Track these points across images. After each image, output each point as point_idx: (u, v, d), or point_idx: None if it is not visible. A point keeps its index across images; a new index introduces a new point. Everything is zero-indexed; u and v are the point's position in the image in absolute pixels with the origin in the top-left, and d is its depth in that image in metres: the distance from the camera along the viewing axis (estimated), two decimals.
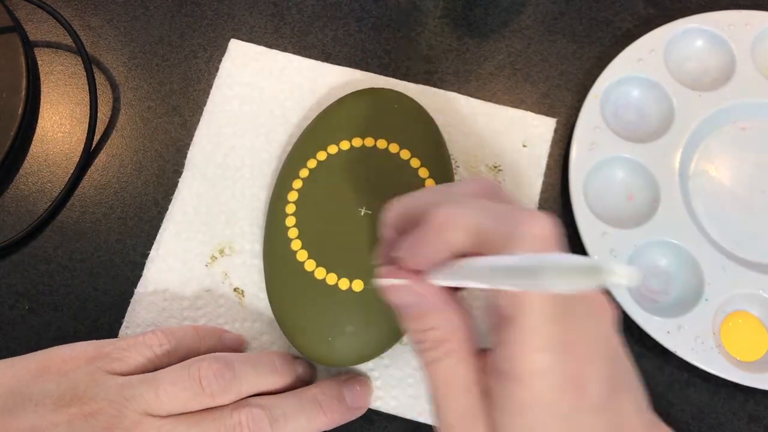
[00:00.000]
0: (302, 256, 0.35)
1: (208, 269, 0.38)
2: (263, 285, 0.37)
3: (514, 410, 0.23)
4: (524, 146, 0.40)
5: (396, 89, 0.39)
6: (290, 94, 0.41)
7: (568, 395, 0.23)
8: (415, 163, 0.36)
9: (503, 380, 0.23)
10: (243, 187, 0.40)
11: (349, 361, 0.35)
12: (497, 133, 0.40)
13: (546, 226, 0.22)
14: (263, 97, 0.41)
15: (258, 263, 0.38)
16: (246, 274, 0.38)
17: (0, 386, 0.31)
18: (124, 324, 0.37)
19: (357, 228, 0.35)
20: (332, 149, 0.37)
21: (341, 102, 0.39)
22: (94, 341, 0.33)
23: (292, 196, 0.36)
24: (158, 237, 0.39)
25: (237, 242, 0.39)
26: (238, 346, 0.36)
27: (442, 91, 0.41)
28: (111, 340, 0.33)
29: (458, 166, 0.39)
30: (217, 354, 0.32)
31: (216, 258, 0.38)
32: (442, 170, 0.37)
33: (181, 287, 0.38)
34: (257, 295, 0.38)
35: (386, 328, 0.34)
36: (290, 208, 0.36)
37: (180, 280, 0.38)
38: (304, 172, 0.37)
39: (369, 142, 0.37)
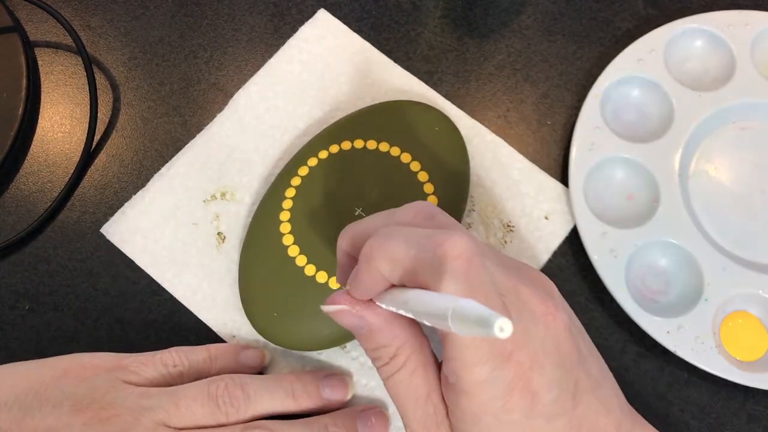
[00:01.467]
0: (285, 228, 0.36)
1: (204, 205, 0.39)
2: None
3: (467, 419, 0.24)
4: (546, 218, 0.39)
5: (450, 114, 0.40)
6: (349, 79, 0.42)
7: (517, 402, 0.24)
8: (428, 188, 0.36)
9: (454, 392, 0.24)
10: (268, 145, 0.40)
11: (284, 342, 0.35)
12: (525, 194, 0.39)
13: (460, 247, 0.23)
14: (324, 72, 0.42)
15: (249, 220, 0.39)
16: (234, 224, 0.39)
17: (19, 387, 0.32)
18: (109, 222, 0.39)
19: (344, 224, 0.35)
20: (358, 143, 0.37)
21: (388, 105, 0.39)
22: (115, 353, 0.34)
23: (303, 171, 0.37)
24: (174, 158, 0.40)
25: (240, 192, 0.40)
26: (254, 363, 0.36)
27: (490, 133, 0.40)
28: (131, 354, 0.34)
29: (473, 210, 0.39)
30: (235, 376, 0.33)
31: (215, 198, 0.39)
32: (455, 206, 0.37)
33: (172, 210, 0.39)
34: (235, 247, 0.39)
35: (332, 327, 0.34)
36: (296, 181, 0.37)
37: (175, 203, 0.39)
38: (323, 154, 0.38)
39: (395, 151, 0.37)
